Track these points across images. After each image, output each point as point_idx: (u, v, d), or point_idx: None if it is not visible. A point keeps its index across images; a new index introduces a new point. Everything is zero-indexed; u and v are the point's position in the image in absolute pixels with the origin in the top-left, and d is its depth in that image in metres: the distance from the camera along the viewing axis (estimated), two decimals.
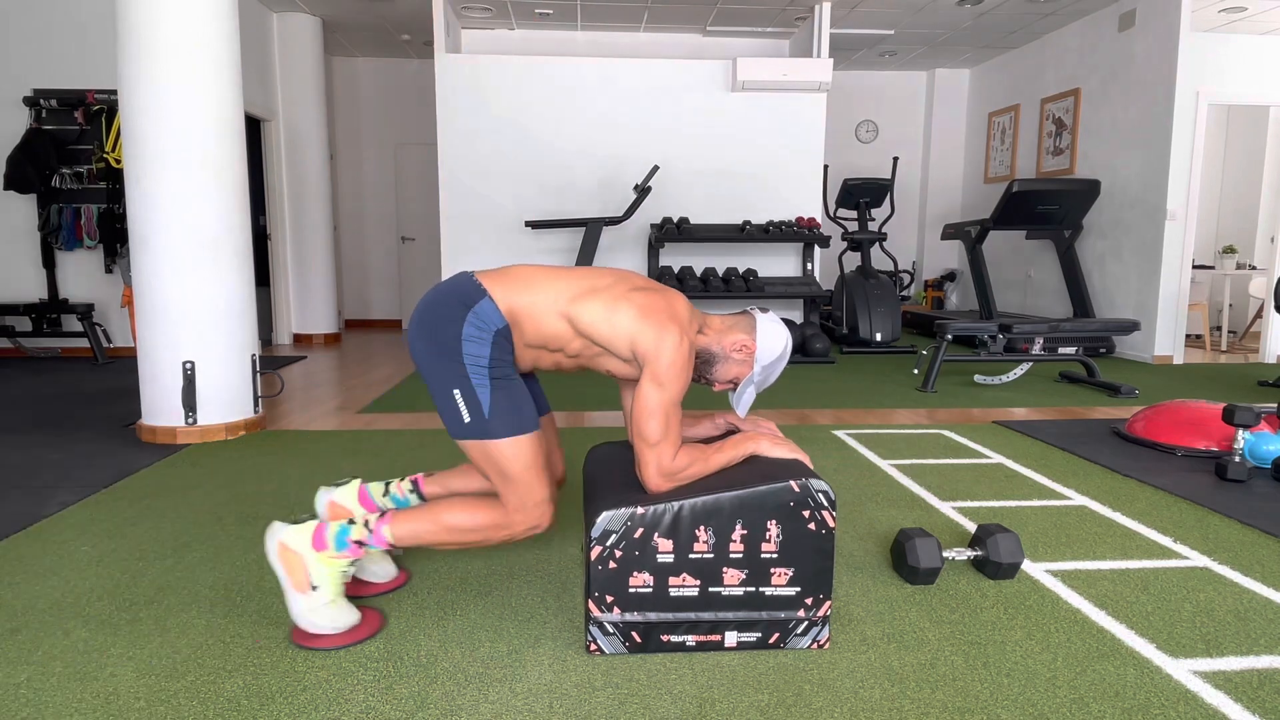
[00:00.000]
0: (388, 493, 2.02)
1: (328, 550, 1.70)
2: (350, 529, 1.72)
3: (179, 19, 3.28)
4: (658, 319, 1.67)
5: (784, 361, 1.82)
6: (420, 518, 1.73)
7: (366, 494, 2.01)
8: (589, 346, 1.74)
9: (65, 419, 3.89)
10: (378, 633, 1.75)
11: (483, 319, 1.68)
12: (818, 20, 6.64)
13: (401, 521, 1.73)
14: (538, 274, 1.76)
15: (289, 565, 1.68)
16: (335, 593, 1.70)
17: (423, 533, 1.72)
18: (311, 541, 1.69)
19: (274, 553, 1.69)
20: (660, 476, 1.65)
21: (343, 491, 2.00)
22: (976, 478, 3.00)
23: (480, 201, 6.67)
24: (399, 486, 2.03)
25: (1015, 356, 4.83)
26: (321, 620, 1.68)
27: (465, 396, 1.67)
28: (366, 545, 1.72)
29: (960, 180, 8.99)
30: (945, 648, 1.70)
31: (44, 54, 5.82)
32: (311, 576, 1.68)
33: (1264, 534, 2.41)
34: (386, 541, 1.73)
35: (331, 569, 1.70)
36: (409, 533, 1.72)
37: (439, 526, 1.72)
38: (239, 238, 3.53)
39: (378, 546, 1.73)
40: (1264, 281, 7.13)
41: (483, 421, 1.67)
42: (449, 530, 1.72)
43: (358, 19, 7.01)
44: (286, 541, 1.69)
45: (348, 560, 1.72)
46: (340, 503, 1.99)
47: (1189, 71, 5.89)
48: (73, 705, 1.46)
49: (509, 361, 1.71)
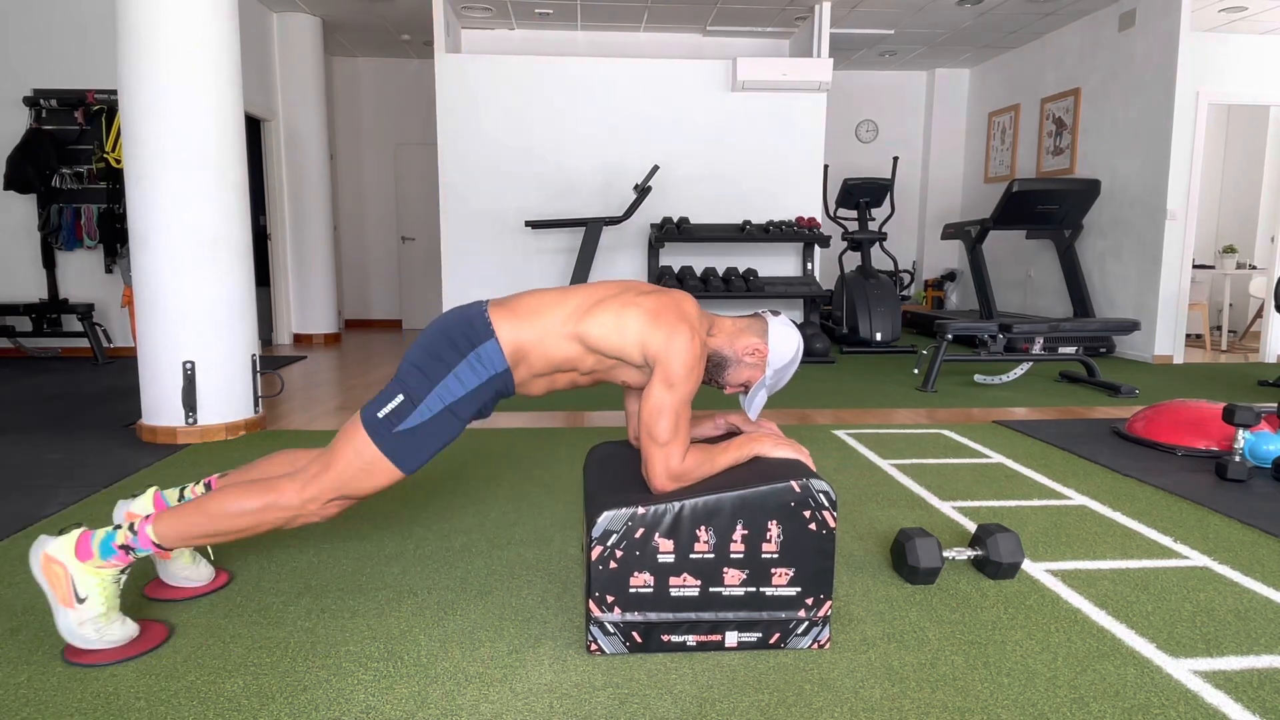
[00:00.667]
0: (183, 497, 1.94)
1: (93, 559, 1.60)
2: (115, 534, 1.63)
3: (179, 19, 3.28)
4: (667, 319, 1.67)
5: (795, 365, 1.82)
6: (185, 511, 1.67)
7: (162, 501, 1.93)
8: (602, 360, 1.74)
9: (65, 419, 3.89)
10: (160, 645, 1.67)
11: (484, 361, 1.69)
12: (818, 20, 6.64)
13: (165, 519, 1.66)
14: (544, 301, 1.75)
15: (52, 578, 1.58)
16: (106, 605, 1.61)
17: (189, 526, 1.66)
18: (75, 551, 1.60)
19: (38, 566, 1.59)
20: (668, 477, 1.65)
21: (140, 501, 1.92)
22: (976, 477, 3.00)
23: (480, 201, 6.67)
24: (194, 490, 1.96)
25: (1015, 356, 4.83)
26: (90, 634, 1.59)
27: (402, 405, 1.68)
28: (133, 550, 1.64)
29: (960, 180, 8.99)
30: (945, 647, 1.70)
31: (44, 54, 5.82)
32: (78, 588, 1.59)
33: (1264, 534, 2.41)
34: (151, 541, 1.65)
35: (100, 579, 1.61)
36: (174, 528, 1.66)
37: (204, 515, 1.66)
38: (239, 238, 3.53)
39: (144, 549, 1.65)
40: (1264, 281, 7.13)
41: (389, 430, 1.67)
42: (216, 518, 1.66)
43: (358, 19, 7.01)
44: (50, 553, 1.59)
45: (116, 569, 1.63)
46: (137, 513, 1.89)
47: (1189, 71, 5.89)
48: (73, 705, 1.46)
49: (476, 405, 1.72)
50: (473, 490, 2.80)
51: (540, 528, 2.42)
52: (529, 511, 2.57)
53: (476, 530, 2.39)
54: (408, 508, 2.60)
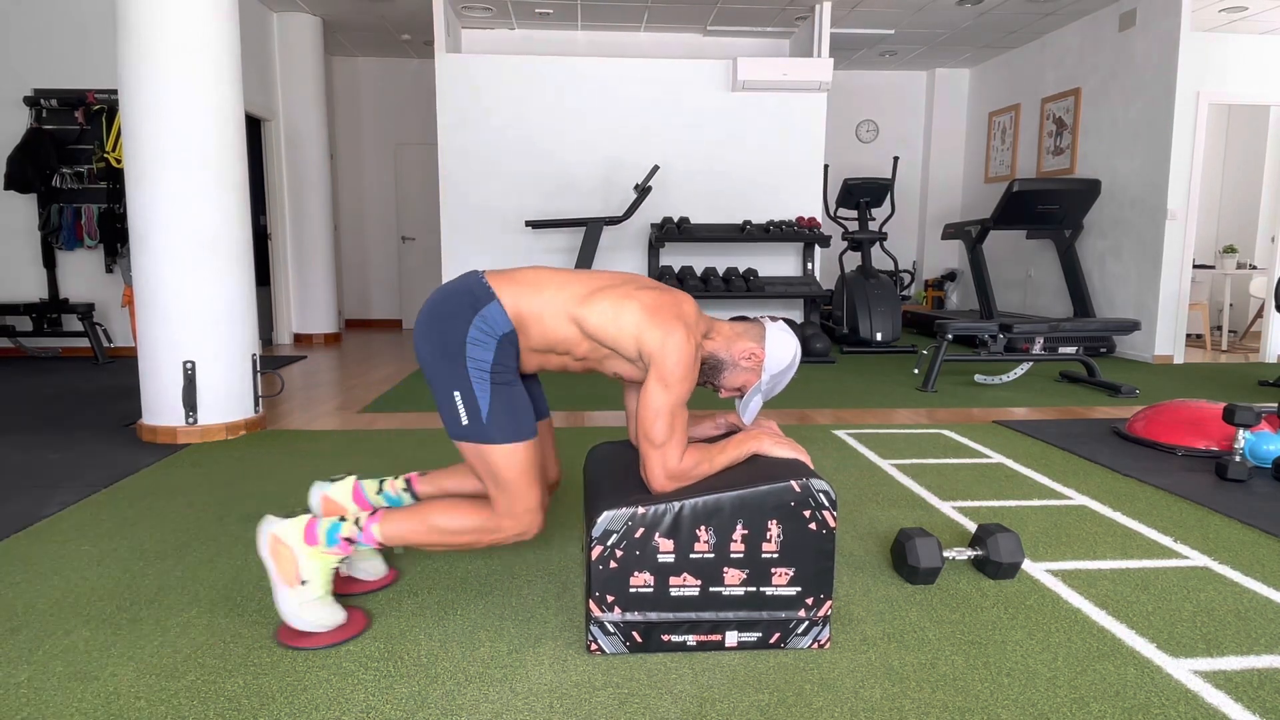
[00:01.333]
0: (381, 490, 2.02)
1: (319, 545, 1.70)
2: (341, 525, 1.72)
3: (179, 19, 3.28)
4: (664, 318, 1.67)
5: (792, 371, 1.82)
6: (409, 518, 1.73)
7: (360, 491, 2.01)
8: (597, 349, 1.74)
9: (65, 419, 3.89)
10: (363, 632, 1.75)
11: (489, 322, 1.68)
12: (818, 20, 6.64)
13: (391, 520, 1.73)
14: (547, 277, 1.75)
15: (279, 559, 1.68)
16: (324, 589, 1.70)
17: (410, 533, 1.73)
18: (303, 536, 1.70)
19: (265, 546, 1.69)
20: (666, 477, 1.65)
21: (337, 487, 2.01)
22: (976, 477, 3.00)
23: (480, 201, 6.67)
24: (393, 485, 2.03)
25: (1015, 356, 4.83)
26: (309, 616, 1.67)
27: (464, 399, 1.67)
28: (356, 542, 1.73)
29: (960, 180, 8.99)
30: (945, 647, 1.70)
31: (44, 54, 5.82)
32: (301, 571, 1.68)
33: (1264, 534, 2.41)
34: (375, 540, 1.73)
35: (322, 564, 1.70)
36: (397, 532, 1.73)
37: (426, 527, 1.72)
38: (239, 237, 3.53)
39: (367, 544, 1.73)
40: (1264, 281, 7.13)
41: (480, 425, 1.68)
42: (436, 531, 1.73)
43: (358, 19, 7.01)
44: (279, 534, 1.69)
45: (338, 556, 1.72)
46: (334, 499, 1.99)
47: (1189, 71, 5.89)
48: (73, 705, 1.46)
49: (512, 367, 1.71)
50: None
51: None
52: None
53: None
54: None
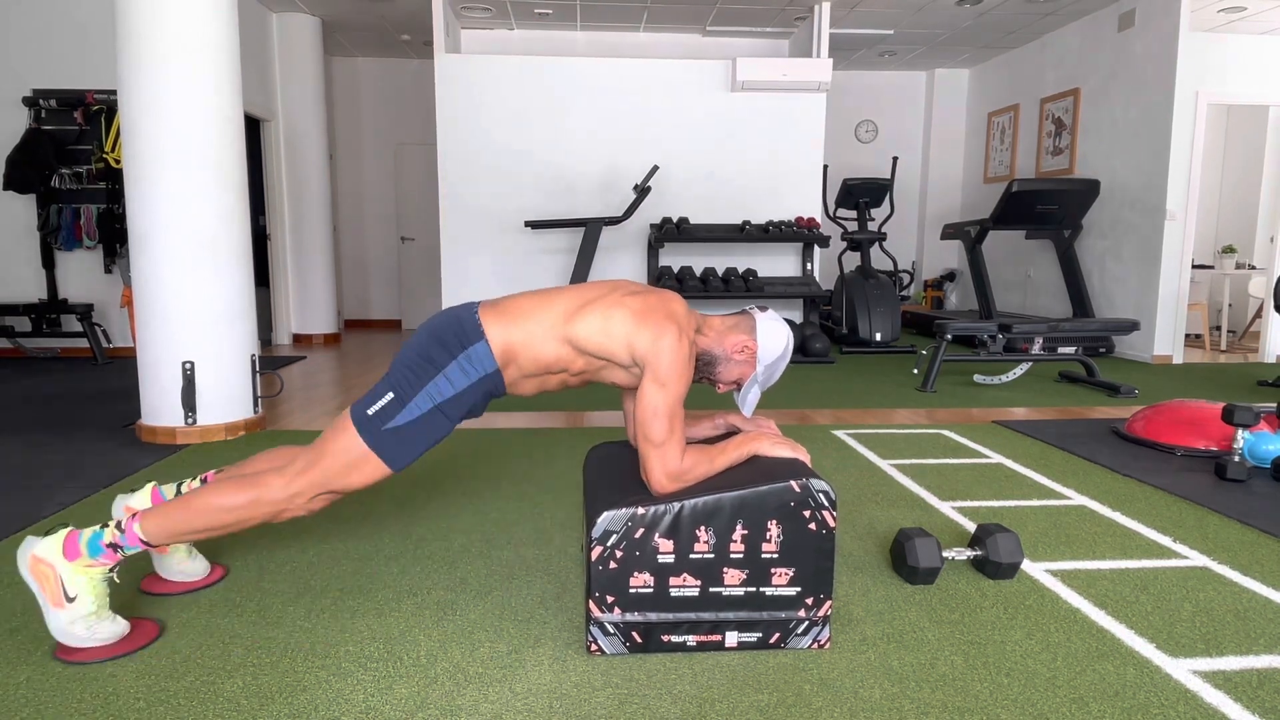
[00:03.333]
0: (179, 493, 1.95)
1: (81, 558, 1.61)
2: (103, 533, 1.64)
3: (179, 19, 3.28)
4: (653, 319, 1.67)
5: (786, 359, 1.82)
6: (172, 508, 1.67)
7: (160, 496, 1.94)
8: (592, 362, 1.74)
9: (65, 419, 3.89)
10: (152, 643, 1.68)
11: (474, 362, 1.70)
12: (817, 20, 6.64)
13: (152, 516, 1.66)
14: (533, 303, 1.76)
15: (42, 578, 1.59)
16: (97, 603, 1.62)
17: (176, 523, 1.66)
18: (63, 551, 1.60)
19: (25, 567, 1.59)
20: (666, 478, 1.65)
21: (138, 496, 1.94)
22: (976, 478, 3.00)
23: (480, 201, 6.67)
24: (190, 485, 1.97)
25: (1015, 356, 4.83)
26: (82, 633, 1.60)
27: (391, 404, 1.69)
28: (122, 548, 1.64)
29: (960, 180, 8.99)
30: (945, 648, 1.70)
31: (44, 54, 5.81)
32: (67, 588, 1.59)
33: (1263, 534, 2.41)
34: (139, 539, 1.65)
35: (89, 577, 1.61)
36: (161, 526, 1.66)
37: (190, 512, 1.66)
38: (239, 238, 3.53)
39: (132, 547, 1.65)
40: (1263, 281, 7.13)
41: (377, 428, 1.68)
42: (202, 513, 1.66)
43: (358, 19, 7.01)
44: (38, 554, 1.59)
45: (105, 567, 1.63)
46: (135, 508, 1.90)
47: (1189, 71, 5.89)
48: (73, 705, 1.46)
49: (468, 405, 1.73)
50: (473, 490, 2.80)
51: (540, 528, 2.42)
52: (529, 511, 2.57)
53: (476, 530, 2.39)
54: (408, 508, 2.60)
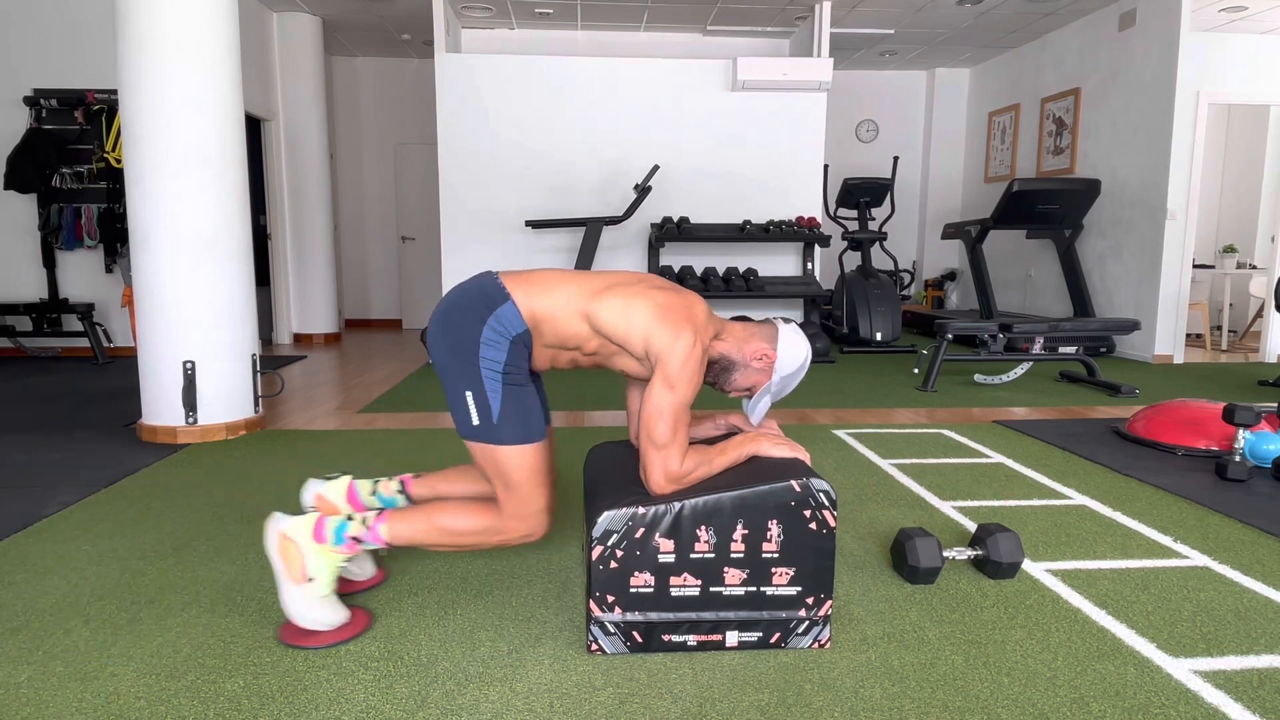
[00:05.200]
0: (375, 491, 2.02)
1: (326, 543, 1.70)
2: (349, 525, 1.73)
3: (179, 19, 3.28)
4: (674, 319, 1.67)
5: (801, 374, 1.82)
6: (416, 518, 1.74)
7: (355, 491, 2.01)
8: (606, 345, 1.74)
9: (65, 419, 3.89)
10: (365, 631, 1.75)
11: (503, 323, 1.69)
12: (818, 20, 6.63)
13: (397, 521, 1.74)
14: (560, 276, 1.76)
15: (286, 556, 1.68)
16: (329, 587, 1.71)
17: (417, 533, 1.73)
18: (312, 533, 1.70)
19: (273, 543, 1.69)
20: (666, 479, 1.65)
21: (332, 486, 2.01)
22: (976, 477, 3.00)
23: (480, 201, 6.66)
24: (386, 486, 2.03)
25: (1015, 356, 4.83)
26: (314, 614, 1.68)
27: (476, 399, 1.68)
28: (363, 542, 1.73)
29: (960, 180, 8.99)
30: (945, 647, 1.70)
31: (44, 54, 5.81)
32: (308, 568, 1.68)
33: (1264, 533, 2.41)
34: (382, 540, 1.73)
35: (328, 562, 1.70)
36: (404, 533, 1.73)
37: (433, 528, 1.73)
38: (239, 237, 3.53)
39: (373, 544, 1.74)
40: (1264, 281, 7.13)
41: (491, 426, 1.68)
42: (443, 532, 1.73)
43: (358, 19, 7.01)
44: (287, 532, 1.70)
45: (344, 555, 1.73)
46: (328, 497, 1.99)
47: (1189, 71, 5.89)
48: (73, 705, 1.46)
49: (524, 368, 1.72)
50: None
51: None
52: None
53: None
54: None
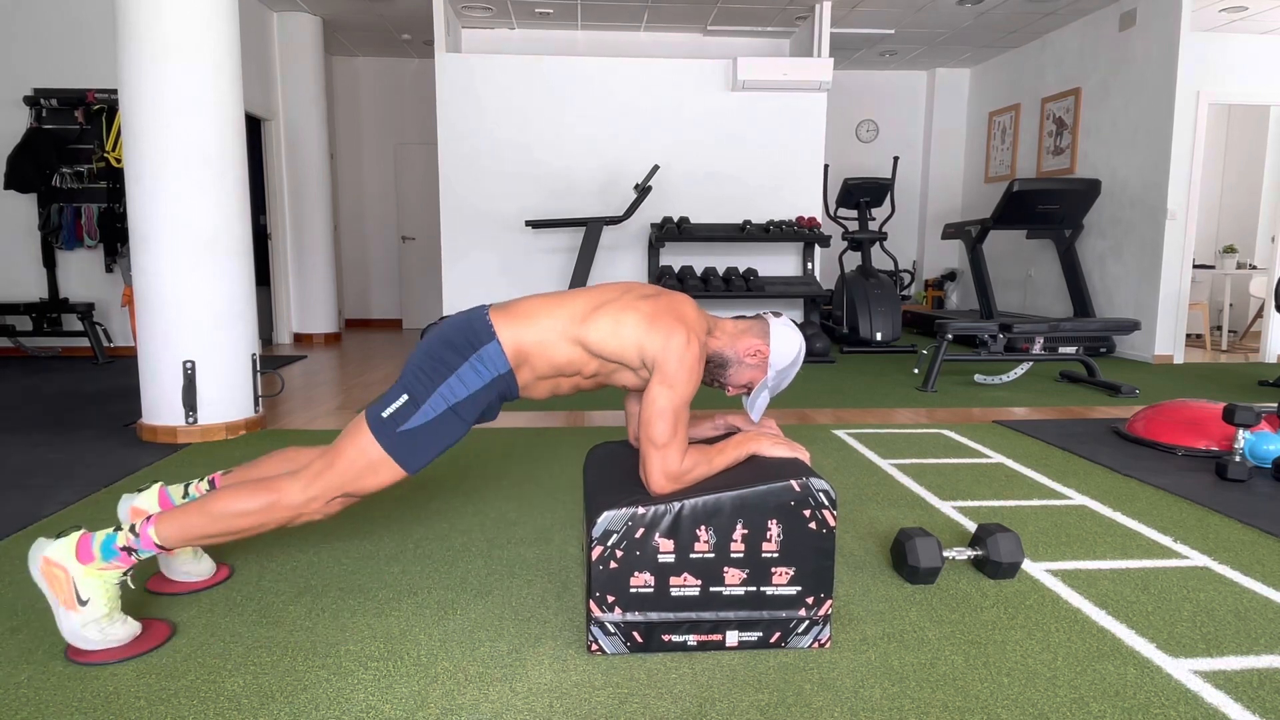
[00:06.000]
0: (187, 494, 1.95)
1: (94, 562, 1.60)
2: (116, 536, 1.63)
3: (179, 18, 3.28)
4: (664, 322, 1.67)
5: (797, 366, 1.82)
6: (187, 512, 1.67)
7: (167, 497, 1.94)
8: (604, 365, 1.75)
9: (65, 419, 3.89)
10: (163, 644, 1.68)
11: (486, 362, 1.70)
12: (818, 20, 6.63)
13: (167, 520, 1.66)
14: (544, 305, 1.76)
15: (54, 581, 1.58)
16: (109, 606, 1.61)
17: (191, 527, 1.66)
18: (76, 554, 1.59)
19: (37, 570, 1.59)
20: (666, 479, 1.65)
21: (144, 496, 1.93)
22: (976, 477, 3.00)
23: (480, 201, 6.67)
24: (198, 487, 1.97)
25: (1015, 356, 4.83)
26: (94, 635, 1.59)
27: (405, 406, 1.69)
28: (135, 551, 1.64)
29: (960, 180, 8.99)
30: (945, 647, 1.70)
31: (44, 54, 5.81)
32: (79, 591, 1.58)
33: (1264, 533, 2.41)
34: (153, 542, 1.65)
35: (101, 581, 1.61)
36: (176, 530, 1.66)
37: (206, 517, 1.66)
38: (239, 237, 3.53)
39: (146, 550, 1.65)
40: (1264, 281, 7.13)
41: (393, 430, 1.68)
42: (219, 518, 1.66)
43: (358, 19, 7.01)
44: (50, 556, 1.59)
45: (119, 570, 1.63)
46: (142, 509, 1.91)
47: (1189, 71, 5.89)
48: (73, 705, 1.46)
49: (484, 403, 1.73)
50: (473, 490, 2.80)
51: (540, 527, 2.42)
52: (529, 511, 2.57)
53: (476, 530, 2.39)
54: (408, 507, 2.60)
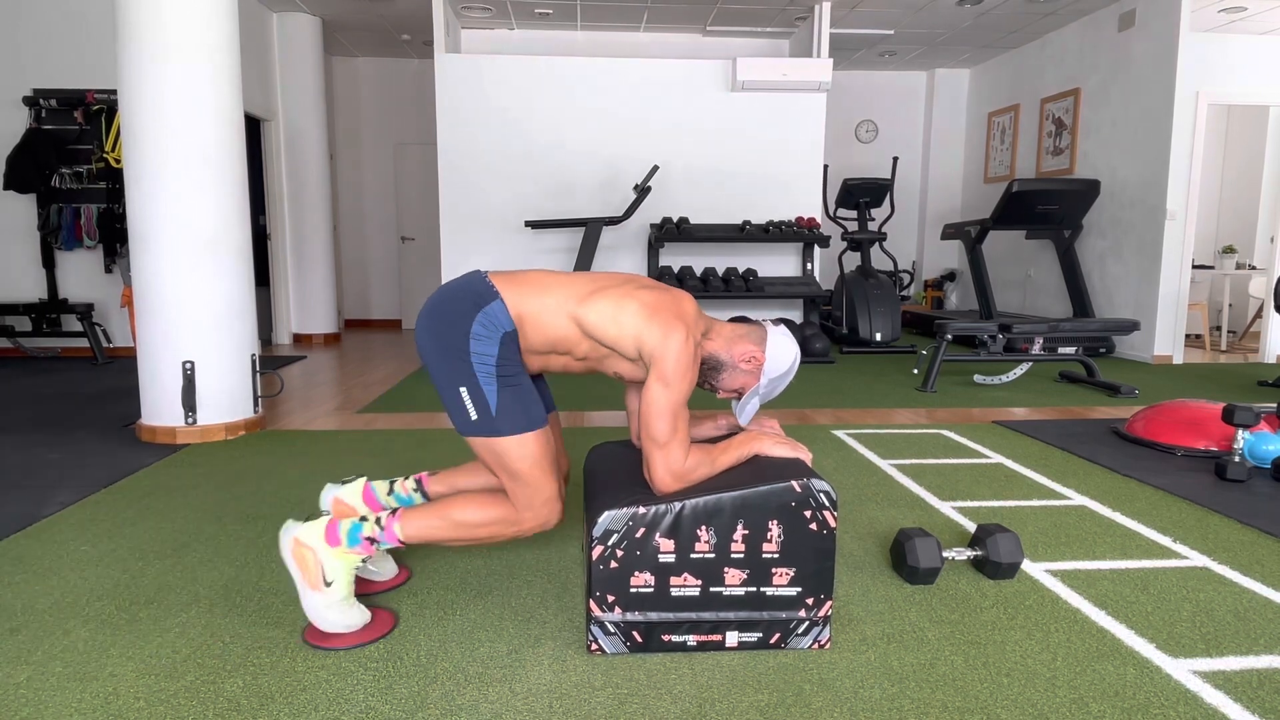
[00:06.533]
0: (392, 491, 2.03)
1: (341, 546, 1.70)
2: (363, 525, 1.73)
3: (179, 19, 3.28)
4: (664, 318, 1.67)
5: (790, 376, 1.82)
6: (430, 514, 1.74)
7: (371, 492, 2.02)
8: (596, 348, 1.74)
9: (65, 419, 3.89)
10: (390, 632, 1.75)
11: (491, 319, 1.69)
12: (817, 20, 6.64)
13: (411, 518, 1.74)
14: (548, 278, 1.77)
15: (302, 562, 1.68)
16: (348, 590, 1.70)
17: (432, 529, 1.73)
18: (325, 537, 1.70)
19: (288, 549, 1.69)
20: (670, 477, 1.65)
21: (348, 489, 2.01)
22: (976, 478, 3.00)
23: (480, 201, 6.67)
24: (403, 485, 2.03)
25: (1015, 356, 4.83)
26: (335, 617, 1.67)
27: (472, 394, 1.68)
28: (378, 542, 1.73)
29: (960, 180, 8.99)
30: (945, 648, 1.70)
31: (44, 54, 5.81)
32: (326, 572, 1.68)
33: (1263, 534, 2.41)
34: (397, 538, 1.73)
35: (345, 564, 1.70)
36: (418, 530, 1.73)
37: (448, 523, 1.73)
38: (239, 237, 3.53)
39: (388, 543, 1.74)
40: (1263, 281, 7.13)
41: (490, 419, 1.68)
42: (458, 526, 1.73)
43: (358, 19, 7.01)
44: (301, 537, 1.69)
45: (360, 556, 1.72)
46: (345, 500, 2.00)
47: (1189, 71, 5.89)
48: (73, 705, 1.46)
49: (516, 362, 1.72)
50: None
51: None
52: None
53: None
54: None
